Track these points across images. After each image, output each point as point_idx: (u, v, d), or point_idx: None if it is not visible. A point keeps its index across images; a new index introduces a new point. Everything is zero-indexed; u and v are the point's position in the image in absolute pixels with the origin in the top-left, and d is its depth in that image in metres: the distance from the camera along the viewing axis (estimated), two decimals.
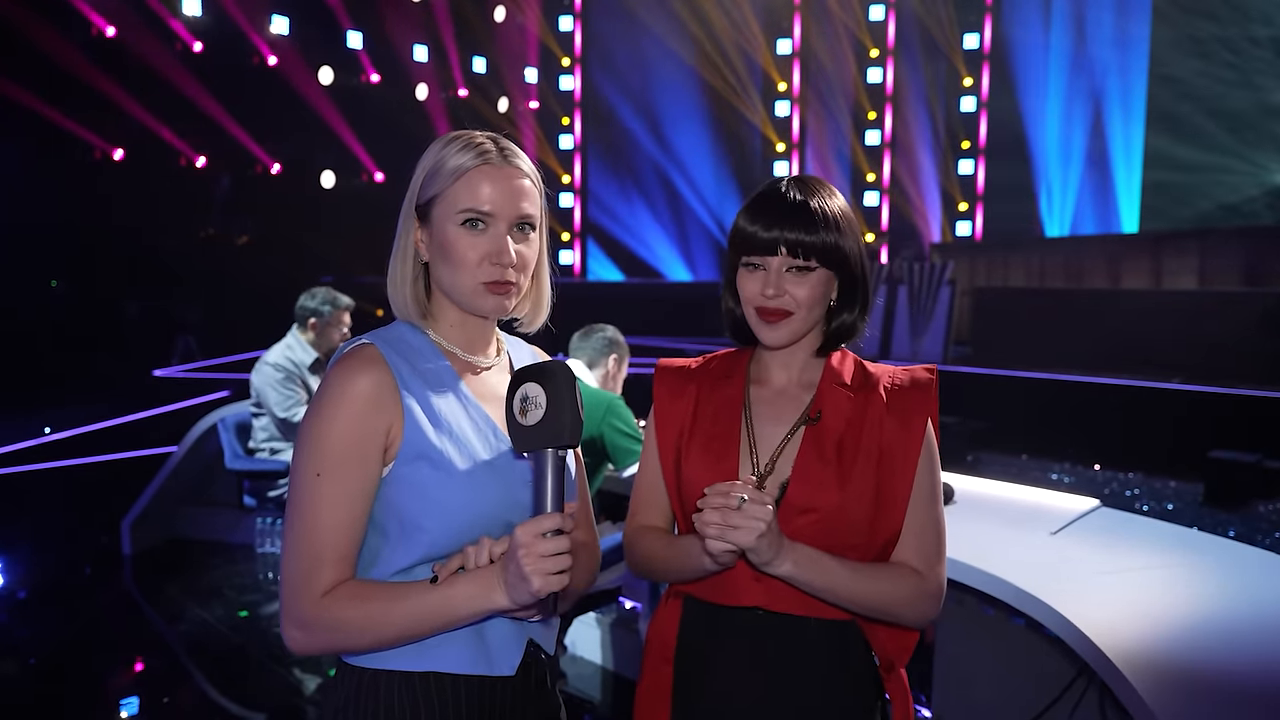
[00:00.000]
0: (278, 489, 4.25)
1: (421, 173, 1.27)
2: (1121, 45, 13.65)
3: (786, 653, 1.32)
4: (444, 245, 1.24)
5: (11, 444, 6.81)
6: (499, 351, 1.36)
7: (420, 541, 1.18)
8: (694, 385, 1.42)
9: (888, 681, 1.38)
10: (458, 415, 1.23)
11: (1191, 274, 10.13)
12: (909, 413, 1.35)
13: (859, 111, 14.72)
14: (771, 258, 1.30)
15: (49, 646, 3.78)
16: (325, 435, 1.15)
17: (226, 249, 12.74)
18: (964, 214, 14.31)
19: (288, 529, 1.17)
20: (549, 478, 1.12)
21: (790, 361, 1.39)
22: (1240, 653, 1.85)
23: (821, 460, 1.31)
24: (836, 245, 1.31)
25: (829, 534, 1.29)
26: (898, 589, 1.30)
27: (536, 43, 15.58)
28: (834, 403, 1.35)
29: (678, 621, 1.40)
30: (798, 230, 1.29)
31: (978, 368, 8.93)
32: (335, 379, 1.19)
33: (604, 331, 3.28)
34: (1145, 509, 5.85)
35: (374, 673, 1.20)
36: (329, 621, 1.14)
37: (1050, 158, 14.06)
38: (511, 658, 1.23)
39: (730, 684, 1.34)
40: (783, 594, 1.30)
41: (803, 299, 1.31)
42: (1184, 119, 13.24)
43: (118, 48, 10.65)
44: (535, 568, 1.08)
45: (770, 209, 1.31)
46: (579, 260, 15.91)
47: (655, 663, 1.41)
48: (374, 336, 1.26)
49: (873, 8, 14.54)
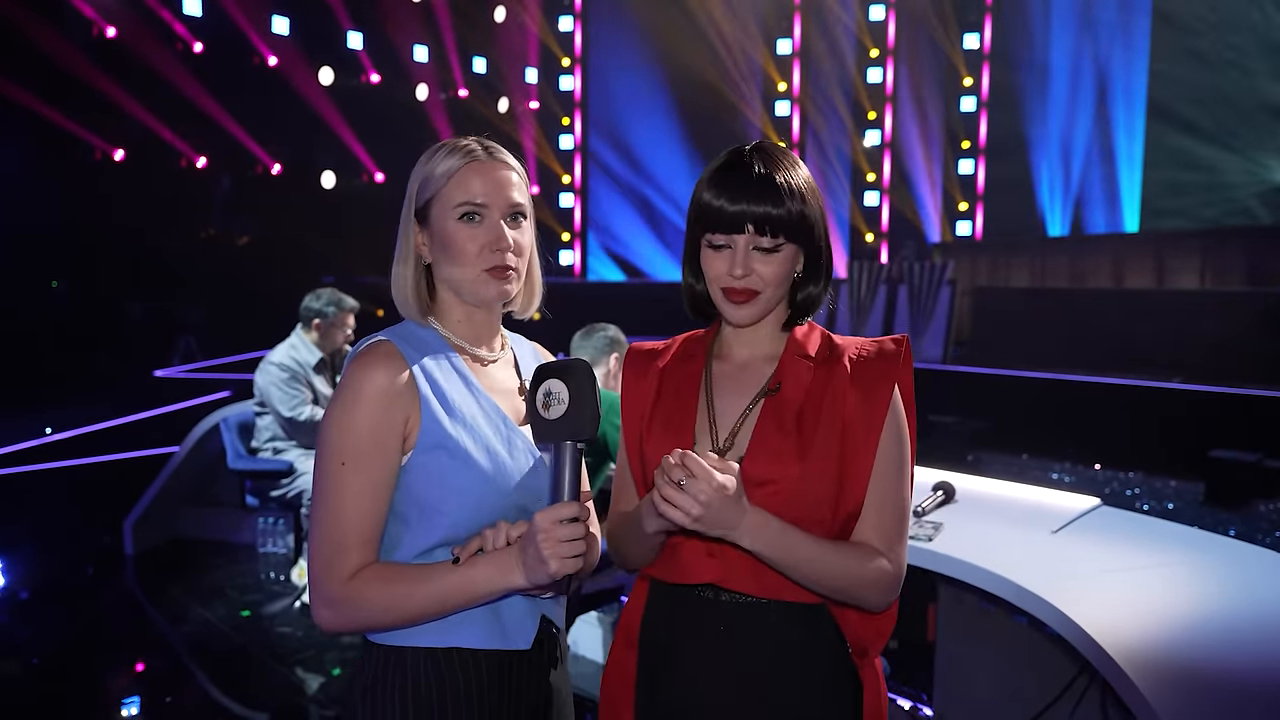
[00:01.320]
0: (280, 489, 4.25)
1: (416, 181, 1.35)
2: (1123, 45, 13.66)
3: (749, 637, 1.29)
4: (444, 240, 1.32)
5: (13, 444, 6.82)
6: (503, 346, 1.44)
7: (439, 525, 1.27)
8: (657, 365, 1.40)
9: (861, 668, 1.34)
10: (470, 406, 1.31)
11: (1193, 274, 10.14)
12: (873, 383, 1.28)
13: (859, 111, 14.73)
14: (738, 236, 1.26)
15: (51, 646, 3.78)
16: (348, 428, 1.23)
17: (227, 249, 12.74)
18: (964, 214, 14.32)
19: (314, 516, 1.25)
20: (567, 468, 1.20)
21: (755, 337, 1.36)
22: (1242, 651, 1.86)
23: (781, 431, 1.27)
24: (803, 216, 1.27)
25: (790, 507, 1.24)
26: (861, 568, 1.25)
27: (537, 43, 15.59)
28: (795, 374, 1.31)
29: (643, 605, 1.38)
30: (765, 205, 1.24)
31: (978, 367, 8.94)
32: (355, 374, 1.26)
33: (606, 331, 3.29)
34: (1146, 508, 5.85)
35: (399, 650, 1.28)
36: (356, 601, 1.22)
37: (1051, 157, 14.06)
38: (527, 633, 1.32)
39: (694, 669, 1.31)
40: (737, 570, 1.27)
41: (770, 277, 1.27)
42: (1185, 118, 13.23)
43: (118, 48, 10.65)
44: (553, 551, 1.16)
45: (734, 183, 1.26)
46: (579, 260, 15.91)
47: (619, 648, 1.40)
48: (389, 333, 1.33)
49: (873, 8, 14.55)
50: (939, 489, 2.79)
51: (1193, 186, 13.19)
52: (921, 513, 2.65)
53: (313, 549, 1.24)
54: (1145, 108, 13.63)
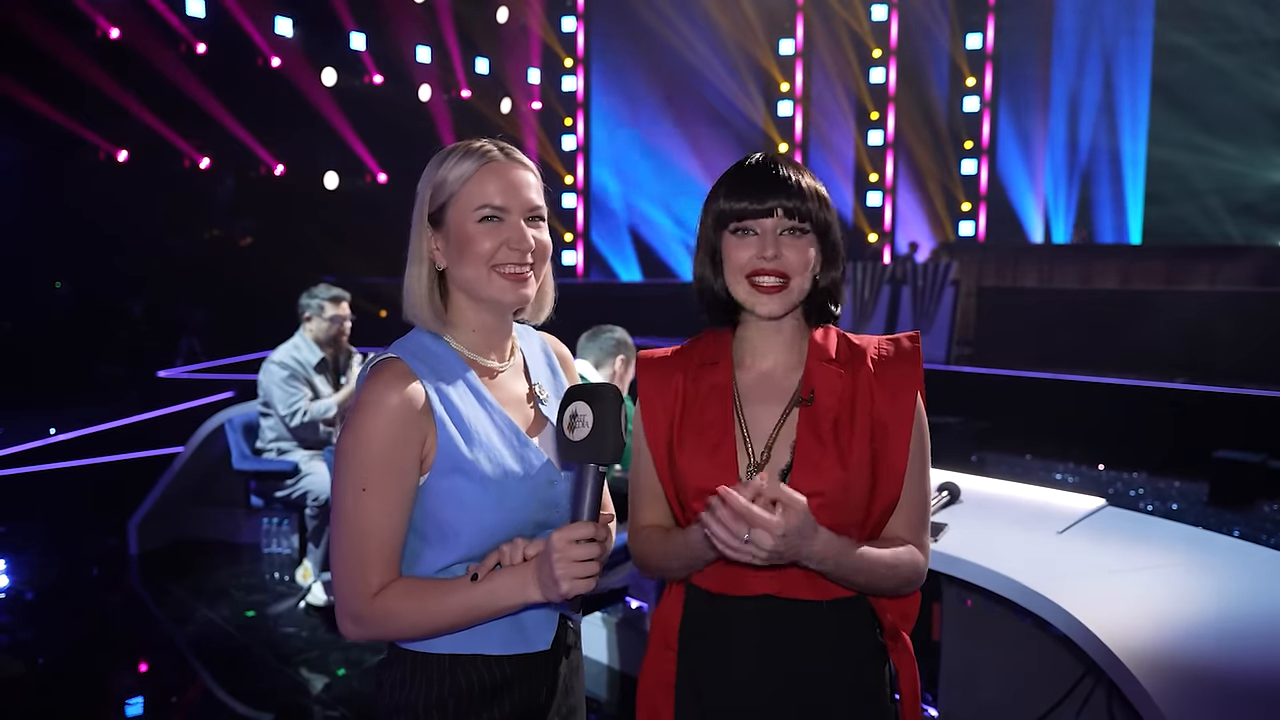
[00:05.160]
0: (284, 489, 4.26)
1: (429, 185, 1.32)
2: (1127, 43, 13.64)
3: (798, 634, 1.32)
4: (462, 242, 1.29)
5: (17, 445, 6.83)
6: (513, 351, 1.42)
7: (458, 545, 1.29)
8: (679, 374, 1.38)
9: (893, 650, 1.38)
10: (484, 424, 1.31)
11: (1202, 280, 10.16)
12: (898, 383, 1.32)
13: (861, 111, 14.72)
14: (766, 220, 1.29)
15: (56, 647, 3.79)
16: (365, 452, 1.24)
17: (230, 250, 12.76)
18: (966, 214, 14.31)
19: (336, 535, 1.27)
20: (588, 490, 1.21)
21: (778, 339, 1.36)
22: (1248, 652, 1.86)
23: (820, 442, 1.29)
24: (822, 213, 1.32)
25: (834, 514, 1.26)
26: (908, 569, 1.30)
27: (539, 44, 15.59)
28: (824, 380, 1.32)
29: (680, 607, 1.39)
30: (791, 196, 1.29)
31: (982, 368, 8.93)
32: (368, 396, 1.25)
33: (612, 333, 3.28)
34: (1150, 509, 5.85)
35: (424, 655, 1.31)
36: (382, 617, 1.25)
37: (1052, 157, 14.04)
38: (546, 634, 1.35)
39: (744, 672, 1.33)
40: (796, 580, 1.30)
41: (796, 263, 1.29)
42: (1188, 118, 13.22)
43: (122, 50, 10.68)
44: (565, 571, 1.18)
45: (758, 179, 1.31)
46: (581, 261, 15.91)
47: (658, 650, 1.41)
48: (398, 349, 1.31)
49: (875, 8, 14.54)
50: (944, 489, 2.78)
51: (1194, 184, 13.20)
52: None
53: (336, 567, 1.26)
54: (1148, 106, 13.63)
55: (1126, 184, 13.99)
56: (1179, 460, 6.68)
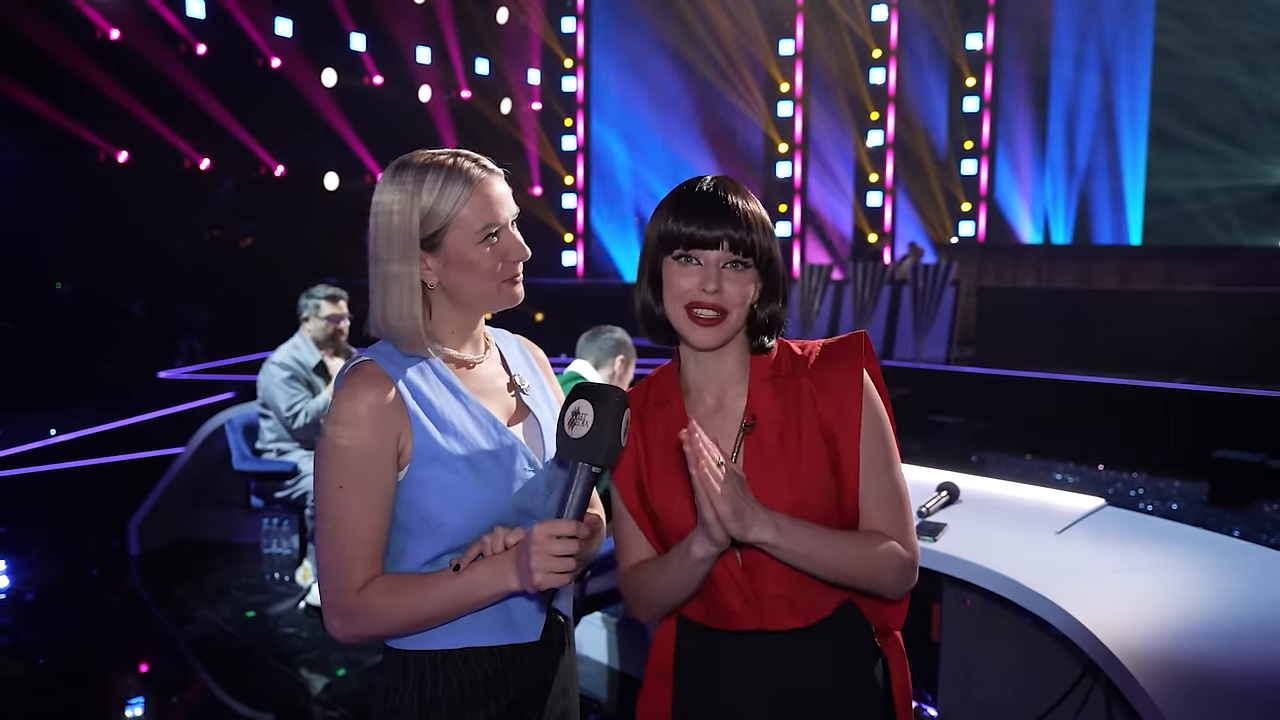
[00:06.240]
0: (285, 490, 4.26)
1: (413, 213, 1.31)
2: (1126, 43, 13.65)
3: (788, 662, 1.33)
4: (468, 264, 1.33)
5: (18, 446, 6.83)
6: (487, 346, 1.46)
7: (442, 536, 1.31)
8: (635, 419, 1.38)
9: (885, 646, 1.39)
10: (460, 415, 1.34)
11: (1202, 280, 10.16)
12: (841, 384, 1.31)
13: (861, 112, 14.72)
14: (710, 252, 1.27)
15: (57, 647, 3.79)
16: (342, 452, 1.27)
17: (230, 250, 12.76)
18: (967, 214, 14.31)
19: (320, 536, 1.30)
20: (577, 489, 1.21)
21: (718, 369, 1.36)
22: (1247, 651, 1.86)
23: (768, 465, 1.29)
24: (766, 243, 1.30)
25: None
26: (880, 552, 1.28)
27: (539, 44, 15.60)
28: (765, 401, 1.32)
29: (673, 640, 1.41)
30: (739, 228, 1.27)
31: (981, 368, 8.94)
32: (343, 398, 1.29)
33: (612, 333, 3.28)
34: (1150, 509, 5.85)
35: (417, 653, 1.34)
36: (367, 612, 1.28)
37: (1052, 157, 14.05)
38: (535, 625, 1.37)
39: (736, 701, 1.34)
40: (777, 613, 1.30)
41: (736, 297, 1.28)
42: (1188, 118, 13.23)
43: (122, 50, 10.68)
44: (540, 564, 1.20)
45: (705, 206, 1.28)
46: (582, 261, 15.92)
47: (653, 681, 1.43)
48: (372, 352, 1.35)
49: (875, 8, 14.54)
50: (943, 489, 2.78)
51: (1194, 183, 13.20)
52: (926, 513, 2.66)
53: (321, 566, 1.30)
54: (1148, 106, 13.64)
55: (1126, 184, 13.99)
56: (1179, 460, 6.68)
